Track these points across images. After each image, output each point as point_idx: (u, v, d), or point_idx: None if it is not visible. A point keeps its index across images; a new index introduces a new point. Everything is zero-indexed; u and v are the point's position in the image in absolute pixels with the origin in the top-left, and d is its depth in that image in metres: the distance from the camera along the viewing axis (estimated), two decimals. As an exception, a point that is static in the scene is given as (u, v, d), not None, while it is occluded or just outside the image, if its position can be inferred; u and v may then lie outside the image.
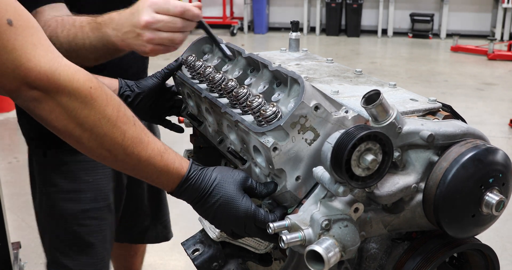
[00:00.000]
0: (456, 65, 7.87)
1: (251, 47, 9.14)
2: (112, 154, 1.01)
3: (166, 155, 1.07)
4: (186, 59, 1.39)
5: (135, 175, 1.09)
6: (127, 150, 1.02)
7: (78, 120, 0.96)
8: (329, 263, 0.95)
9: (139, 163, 1.04)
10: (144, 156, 1.04)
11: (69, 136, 0.99)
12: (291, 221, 1.02)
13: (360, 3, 9.74)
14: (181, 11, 1.29)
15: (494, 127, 5.16)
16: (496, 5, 9.73)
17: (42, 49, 0.93)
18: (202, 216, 1.15)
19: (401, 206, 1.07)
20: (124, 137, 1.01)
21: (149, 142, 1.05)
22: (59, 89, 0.93)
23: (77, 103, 0.95)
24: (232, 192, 1.09)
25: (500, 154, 1.05)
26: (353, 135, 0.92)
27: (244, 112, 1.16)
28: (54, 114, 0.95)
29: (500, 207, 1.04)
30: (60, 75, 0.93)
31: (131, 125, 1.03)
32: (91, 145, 0.99)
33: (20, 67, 0.90)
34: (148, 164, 1.05)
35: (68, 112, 0.95)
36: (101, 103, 0.98)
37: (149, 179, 1.09)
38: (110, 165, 1.06)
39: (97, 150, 1.01)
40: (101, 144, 1.00)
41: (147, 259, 2.93)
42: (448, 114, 1.13)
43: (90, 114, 0.97)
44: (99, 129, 0.98)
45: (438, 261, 1.09)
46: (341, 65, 1.48)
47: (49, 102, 0.94)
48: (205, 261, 1.35)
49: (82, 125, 0.97)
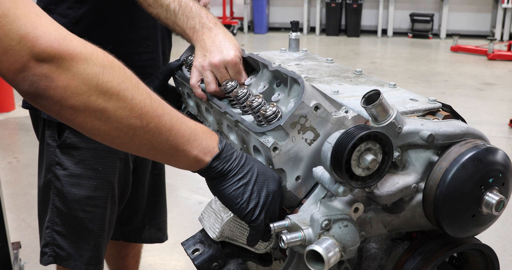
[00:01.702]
0: (456, 65, 7.87)
1: (251, 47, 9.14)
2: (143, 121, 0.90)
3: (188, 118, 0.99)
4: (186, 59, 1.40)
5: (168, 149, 0.96)
6: (158, 112, 0.91)
7: (101, 87, 0.85)
8: (329, 263, 0.95)
9: (172, 127, 0.93)
10: (175, 116, 0.95)
11: (91, 112, 0.86)
12: (291, 221, 1.02)
13: (360, 3, 9.74)
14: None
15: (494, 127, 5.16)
16: (496, 5, 9.73)
17: (47, 19, 0.83)
18: (229, 186, 1.04)
19: (401, 206, 1.07)
20: (151, 99, 0.91)
21: (167, 104, 0.96)
22: (74, 56, 0.83)
23: (96, 68, 0.84)
24: (264, 166, 1.06)
25: (500, 154, 1.05)
26: (353, 135, 0.92)
27: (244, 112, 1.17)
28: (70, 90, 0.83)
29: (500, 207, 1.04)
30: (71, 41, 0.83)
31: (147, 87, 0.94)
32: (119, 115, 0.87)
33: (27, 36, 0.79)
34: (182, 125, 0.95)
35: (88, 81, 0.84)
36: (119, 65, 0.89)
37: (185, 146, 0.97)
38: (138, 143, 0.93)
39: (126, 120, 0.88)
40: (131, 110, 0.88)
41: (147, 259, 2.94)
42: (448, 114, 1.13)
43: (113, 77, 0.86)
44: (126, 92, 0.87)
45: (438, 261, 1.09)
46: (341, 65, 1.48)
47: (63, 76, 0.82)
48: (205, 261, 1.34)
49: (106, 92, 0.85)
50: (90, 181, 1.64)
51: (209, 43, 1.31)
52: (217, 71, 1.28)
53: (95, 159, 1.63)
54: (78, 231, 1.68)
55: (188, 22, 1.36)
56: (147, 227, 2.06)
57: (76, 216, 1.66)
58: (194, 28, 1.35)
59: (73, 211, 1.65)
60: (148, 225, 2.05)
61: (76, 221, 1.66)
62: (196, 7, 1.37)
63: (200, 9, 1.37)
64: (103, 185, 1.66)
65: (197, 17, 1.35)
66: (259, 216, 1.05)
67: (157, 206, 2.06)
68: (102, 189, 1.66)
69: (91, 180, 1.64)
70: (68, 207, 1.64)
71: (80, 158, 1.62)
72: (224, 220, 1.30)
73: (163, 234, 2.12)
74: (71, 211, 1.65)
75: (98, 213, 1.67)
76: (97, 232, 1.69)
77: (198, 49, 1.33)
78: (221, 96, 1.29)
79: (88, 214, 1.66)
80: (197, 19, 1.35)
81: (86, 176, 1.63)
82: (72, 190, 1.63)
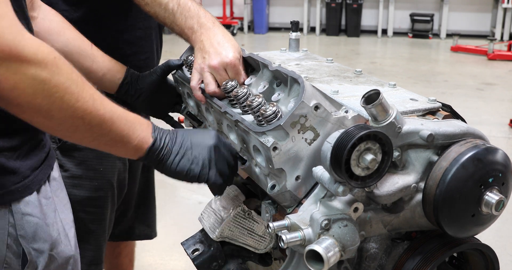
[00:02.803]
0: (456, 65, 7.87)
1: (251, 47, 9.14)
2: (85, 120, 0.97)
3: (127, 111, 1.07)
4: (186, 59, 1.40)
5: (108, 141, 1.04)
6: (100, 111, 0.98)
7: (47, 91, 0.91)
8: (329, 262, 0.95)
9: (112, 123, 1.01)
10: (116, 112, 1.02)
11: (36, 111, 0.92)
12: (291, 221, 1.02)
13: (360, 3, 9.73)
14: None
15: (494, 127, 5.15)
16: (496, 5, 9.73)
17: (7, 20, 0.87)
18: (172, 162, 1.12)
19: (400, 206, 1.07)
20: (94, 100, 0.97)
21: (110, 101, 1.03)
22: (24, 61, 0.87)
23: (45, 73, 0.90)
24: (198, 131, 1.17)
25: (499, 154, 1.05)
26: (352, 134, 0.93)
27: (244, 112, 1.17)
28: (17, 91, 0.88)
29: (500, 206, 1.04)
30: (24, 47, 0.87)
31: (92, 87, 1.00)
32: (63, 115, 0.94)
33: None
34: (121, 119, 1.03)
35: (35, 86, 0.89)
36: (67, 71, 0.94)
37: (125, 138, 1.05)
38: (80, 137, 1.01)
39: (69, 121, 0.95)
40: (75, 112, 0.95)
41: (147, 259, 2.94)
42: (447, 114, 1.14)
43: (60, 82, 0.92)
44: (71, 96, 0.93)
45: (437, 261, 1.09)
46: (341, 65, 1.48)
47: (11, 79, 0.87)
48: (205, 261, 1.35)
49: (51, 96, 0.91)
50: (91, 182, 1.64)
51: (207, 45, 1.31)
52: (216, 73, 1.28)
53: (96, 159, 1.63)
54: (80, 232, 1.68)
55: (187, 22, 1.35)
56: (136, 224, 2.06)
57: (78, 217, 1.66)
58: (192, 28, 1.35)
59: (75, 212, 1.65)
60: (137, 222, 2.06)
61: (77, 222, 1.66)
62: (194, 6, 1.37)
63: (198, 9, 1.37)
64: (104, 185, 1.67)
65: (195, 17, 1.35)
66: (210, 172, 1.13)
67: (146, 202, 2.06)
68: (103, 189, 1.67)
69: (92, 181, 1.64)
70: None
71: (81, 159, 1.62)
72: (224, 220, 1.31)
73: (152, 230, 2.13)
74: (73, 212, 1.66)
75: (99, 213, 1.67)
76: (98, 232, 1.69)
77: (197, 50, 1.33)
78: (221, 96, 1.29)
79: (89, 215, 1.66)
80: (195, 19, 1.35)
81: (87, 177, 1.63)
82: (73, 191, 1.63)
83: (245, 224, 1.31)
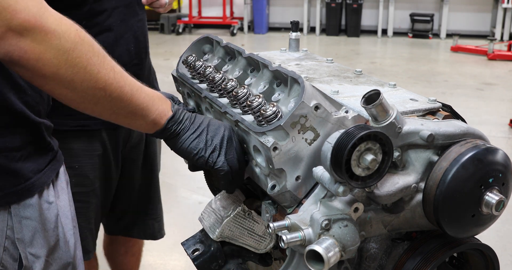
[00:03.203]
0: (456, 65, 7.87)
1: (251, 47, 9.14)
2: (106, 92, 0.99)
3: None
4: (186, 59, 1.40)
5: (128, 114, 1.06)
6: (120, 83, 1.01)
7: (70, 62, 0.93)
8: (329, 263, 0.95)
9: (132, 96, 1.04)
10: (135, 85, 1.05)
11: (59, 82, 0.95)
12: (291, 221, 1.02)
13: (360, 3, 9.74)
14: None
15: (494, 127, 5.15)
16: (496, 5, 9.73)
17: None
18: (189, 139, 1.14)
19: (401, 206, 1.07)
20: (115, 73, 1.00)
21: (129, 75, 1.06)
22: (48, 32, 0.90)
23: (68, 44, 0.93)
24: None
25: (500, 154, 1.05)
26: (353, 135, 0.93)
27: (244, 112, 1.17)
28: (42, 62, 0.91)
29: (500, 207, 1.04)
30: (48, 18, 0.91)
31: (112, 60, 1.03)
32: (85, 86, 0.97)
33: (7, 9, 0.86)
34: (140, 93, 1.05)
35: (59, 56, 0.92)
36: (89, 43, 0.97)
37: (144, 111, 1.07)
38: (101, 109, 1.03)
39: (92, 91, 0.98)
40: (96, 83, 0.97)
41: (147, 259, 2.94)
42: (448, 114, 1.14)
43: (82, 53, 0.95)
44: (93, 67, 0.96)
45: (438, 261, 1.09)
46: (341, 65, 1.48)
47: (36, 49, 0.90)
48: (205, 261, 1.35)
49: (75, 67, 0.94)
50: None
51: None
52: None
53: (70, 158, 1.65)
54: None
55: None
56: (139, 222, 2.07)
57: None
58: None
59: None
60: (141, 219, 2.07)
61: None
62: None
63: None
64: (81, 181, 1.72)
65: None
66: (219, 159, 1.13)
67: (151, 200, 2.07)
68: (81, 185, 1.71)
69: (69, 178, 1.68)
70: None
71: None
72: (224, 220, 1.31)
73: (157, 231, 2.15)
74: None
75: (82, 207, 1.70)
76: (83, 224, 1.72)
77: None
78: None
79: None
80: None
81: None
82: None
83: (245, 224, 1.31)
